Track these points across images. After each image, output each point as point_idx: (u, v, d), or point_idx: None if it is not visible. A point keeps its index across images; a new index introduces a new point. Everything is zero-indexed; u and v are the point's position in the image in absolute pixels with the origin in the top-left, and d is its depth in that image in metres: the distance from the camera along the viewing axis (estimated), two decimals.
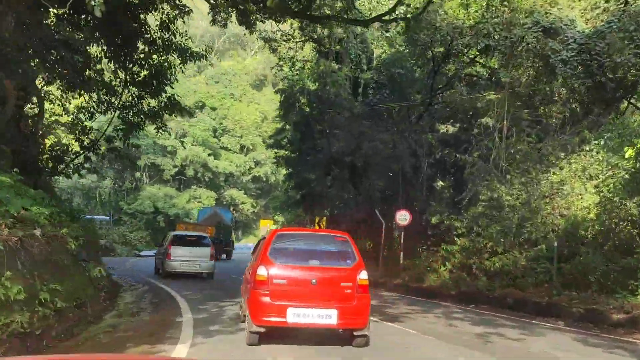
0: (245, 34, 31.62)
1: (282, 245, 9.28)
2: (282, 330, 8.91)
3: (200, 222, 44.98)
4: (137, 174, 58.42)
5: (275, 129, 37.26)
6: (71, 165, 18.18)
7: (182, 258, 21.10)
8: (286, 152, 35.15)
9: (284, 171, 39.87)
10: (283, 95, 23.58)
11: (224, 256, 39.12)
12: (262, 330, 8.62)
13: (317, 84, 23.04)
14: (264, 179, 67.19)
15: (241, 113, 67.73)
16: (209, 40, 79.87)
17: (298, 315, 8.54)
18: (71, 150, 18.69)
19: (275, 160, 40.33)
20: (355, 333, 8.89)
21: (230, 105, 69.12)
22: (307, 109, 25.30)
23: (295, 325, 8.62)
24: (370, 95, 23.25)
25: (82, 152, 19.09)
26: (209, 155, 62.21)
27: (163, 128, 20.01)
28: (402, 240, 21.81)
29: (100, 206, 59.12)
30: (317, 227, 29.04)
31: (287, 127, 33.56)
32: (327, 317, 8.59)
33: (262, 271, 8.73)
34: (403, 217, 21.74)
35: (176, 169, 60.70)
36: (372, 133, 21.56)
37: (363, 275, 8.89)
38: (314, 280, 8.70)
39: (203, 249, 21.78)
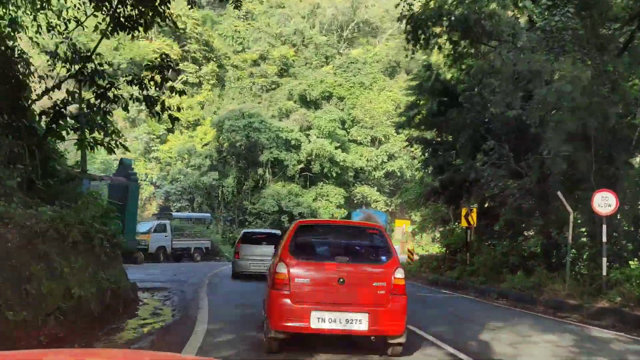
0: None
1: (305, 239, 8.55)
2: (305, 337, 8.03)
3: None
4: (260, 171, 53.89)
5: (406, 104, 30.40)
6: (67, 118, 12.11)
7: (252, 257, 19.42)
8: (421, 132, 28.22)
9: (418, 162, 33.54)
10: (410, 23, 15.99)
11: None
12: (283, 336, 7.81)
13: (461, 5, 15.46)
14: (399, 174, 60.06)
15: (371, 102, 61.14)
16: (337, 29, 75.14)
17: (323, 320, 7.68)
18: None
19: (406, 144, 33.44)
20: (389, 341, 8.01)
21: (360, 93, 62.89)
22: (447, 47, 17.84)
23: (320, 332, 7.73)
24: (544, 15, 15.26)
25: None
26: (336, 148, 56.25)
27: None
28: (603, 238, 13.90)
29: (223, 206, 55.51)
30: (463, 222, 21.76)
31: (421, 102, 26.72)
32: (356, 322, 7.73)
33: (281, 269, 7.92)
34: (604, 201, 13.93)
35: (301, 165, 55.47)
36: (551, 71, 13.87)
37: (399, 274, 8.00)
38: (341, 280, 7.83)
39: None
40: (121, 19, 12.32)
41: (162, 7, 12.45)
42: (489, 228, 22.13)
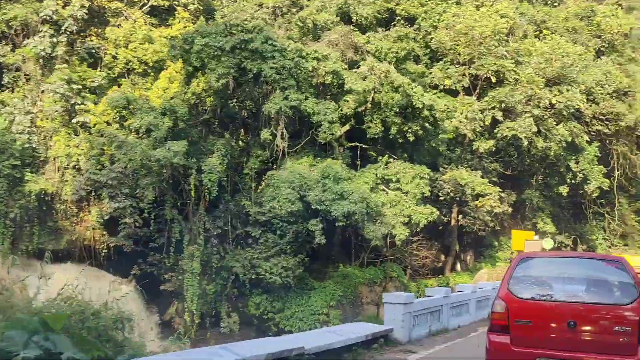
0: None
1: (528, 273, 8.08)
2: None
3: None
4: (264, 134, 28.95)
5: None
6: None
7: None
8: None
9: None
10: None
11: None
12: None
13: None
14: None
15: (467, 18, 35.34)
16: None
17: None
18: None
19: None
20: None
21: (442, 10, 37.28)
22: None
23: None
24: None
25: None
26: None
27: None
28: None
29: (202, 210, 30.50)
30: None
31: None
32: None
33: (499, 307, 7.68)
34: None
35: (347, 125, 30.41)
36: None
37: None
38: (572, 322, 7.27)
39: None
40: None
41: None
42: None
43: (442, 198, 34.39)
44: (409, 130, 29.84)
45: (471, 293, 18.54)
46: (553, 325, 7.41)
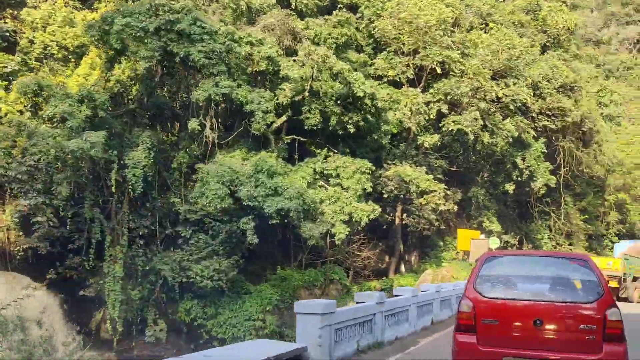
0: None
1: (494, 272, 8.00)
2: None
3: None
4: (192, 124, 26.71)
5: None
6: None
7: None
8: None
9: None
10: None
11: None
12: None
13: None
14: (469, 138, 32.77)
15: (407, 6, 33.86)
16: None
17: None
18: None
19: None
20: None
21: None
22: None
23: None
24: None
25: None
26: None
27: None
28: None
29: (126, 209, 28.01)
30: None
31: None
32: None
33: (465, 307, 7.66)
34: None
35: (283, 117, 28.36)
36: None
37: (613, 315, 7.11)
38: (538, 321, 7.27)
39: None
40: None
41: None
42: None
43: (385, 196, 32.85)
44: (350, 122, 27.91)
45: (412, 297, 15.71)
46: (519, 324, 7.42)
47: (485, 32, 39.30)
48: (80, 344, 28.42)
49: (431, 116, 33.48)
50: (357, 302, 12.70)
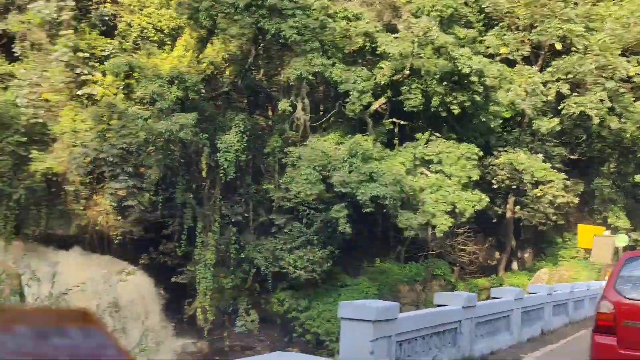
0: None
1: (635, 273, 7.92)
2: None
3: None
4: (283, 105, 25.65)
5: None
6: None
7: None
8: None
9: None
10: None
11: None
12: None
13: None
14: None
15: None
16: None
17: None
18: None
19: None
20: None
21: None
22: None
23: None
24: None
25: None
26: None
27: None
28: None
29: (218, 196, 27.49)
30: None
31: None
32: None
33: (605, 308, 7.50)
34: None
35: (381, 98, 26.58)
36: None
37: None
38: None
39: None
40: None
41: None
42: None
43: (495, 186, 30.52)
44: (454, 102, 25.57)
45: (514, 301, 12.97)
46: None
47: (614, 3, 35.48)
48: (173, 331, 28.37)
49: (549, 98, 30.42)
50: (438, 305, 10.07)
